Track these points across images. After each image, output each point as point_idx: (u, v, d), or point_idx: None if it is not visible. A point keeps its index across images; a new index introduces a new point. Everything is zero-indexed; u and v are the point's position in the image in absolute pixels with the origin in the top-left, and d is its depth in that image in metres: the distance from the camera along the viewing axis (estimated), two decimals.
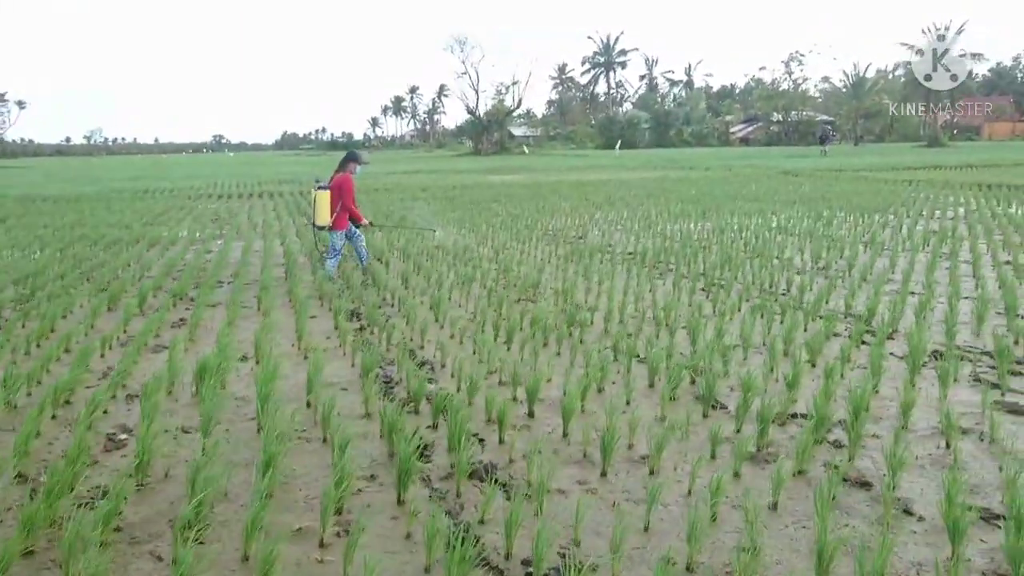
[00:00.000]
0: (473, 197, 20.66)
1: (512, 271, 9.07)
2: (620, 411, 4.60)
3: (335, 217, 8.88)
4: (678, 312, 6.81)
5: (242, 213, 17.98)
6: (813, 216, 14.17)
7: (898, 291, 7.57)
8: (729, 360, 5.41)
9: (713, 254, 10.06)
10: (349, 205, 8.92)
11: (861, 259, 9.50)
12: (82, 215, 17.26)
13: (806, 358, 5.49)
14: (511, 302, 7.62)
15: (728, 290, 7.86)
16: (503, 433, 4.21)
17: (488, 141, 72.20)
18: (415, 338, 6.35)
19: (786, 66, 75.13)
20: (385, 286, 8.47)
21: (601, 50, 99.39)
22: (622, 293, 7.65)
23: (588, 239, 11.99)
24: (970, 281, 8.05)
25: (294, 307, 7.39)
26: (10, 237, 13.33)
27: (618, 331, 6.32)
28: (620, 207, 17.04)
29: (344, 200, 8.87)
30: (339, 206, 8.87)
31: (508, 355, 5.83)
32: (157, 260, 10.59)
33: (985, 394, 4.47)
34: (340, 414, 4.65)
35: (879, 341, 5.79)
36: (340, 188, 8.87)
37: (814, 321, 6.59)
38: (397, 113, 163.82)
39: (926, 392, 4.83)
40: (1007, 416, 4.41)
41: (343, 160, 9.23)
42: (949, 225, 12.40)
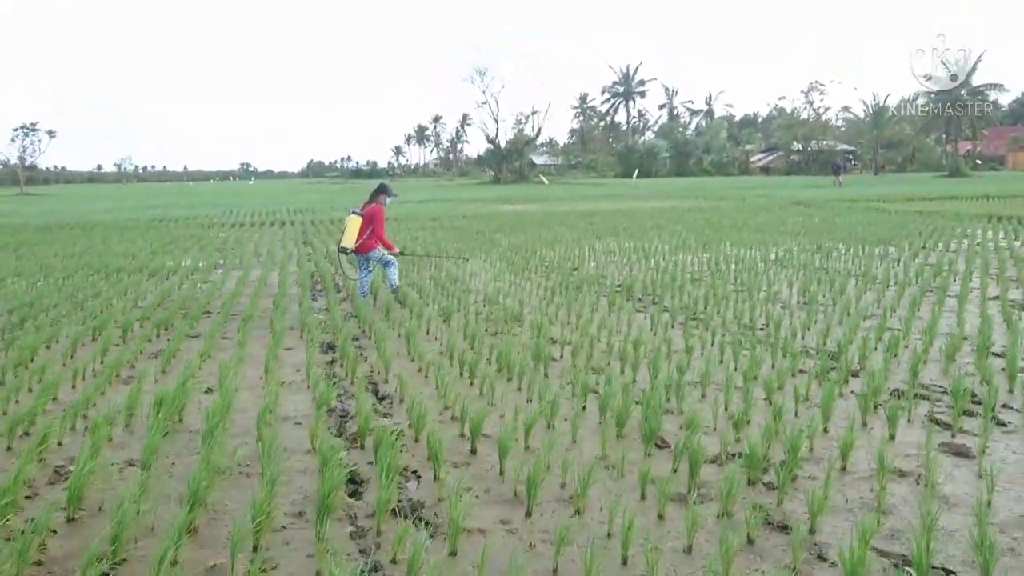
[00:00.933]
0: (480, 227, 20.79)
1: (496, 303, 9.12)
2: (564, 448, 4.63)
3: (361, 243, 9.41)
4: (648, 347, 6.80)
5: (250, 242, 18.25)
6: (813, 248, 14.11)
7: (876, 327, 7.50)
8: (684, 397, 5.40)
9: (702, 287, 10.04)
10: (381, 235, 9.52)
11: (848, 293, 9.44)
12: (93, 244, 17.62)
13: (763, 396, 5.47)
14: (488, 335, 7.68)
15: (706, 324, 7.84)
16: (439, 470, 4.23)
17: (508, 170, 72.69)
18: (381, 372, 6.40)
19: (806, 95, 75.15)
20: (367, 318, 8.54)
21: (620, 80, 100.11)
22: (597, 327, 7.66)
23: (582, 271, 12.03)
24: (952, 318, 7.95)
25: (272, 338, 7.48)
26: (18, 265, 13.63)
27: (583, 366, 6.34)
28: (623, 237, 17.07)
29: (376, 230, 9.46)
30: (367, 233, 9.42)
31: (468, 390, 5.86)
32: (152, 290, 10.76)
33: (930, 436, 4.42)
34: (287, 449, 4.72)
35: (841, 379, 5.76)
36: (372, 218, 9.45)
37: (784, 357, 6.55)
38: (421, 142, 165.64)
39: (876, 433, 4.78)
40: (950, 459, 4.36)
41: (374, 192, 9.75)
42: (949, 258, 12.29)
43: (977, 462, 4.28)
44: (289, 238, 19.36)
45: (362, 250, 9.52)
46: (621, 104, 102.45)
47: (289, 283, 11.23)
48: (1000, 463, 4.28)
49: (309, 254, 15.42)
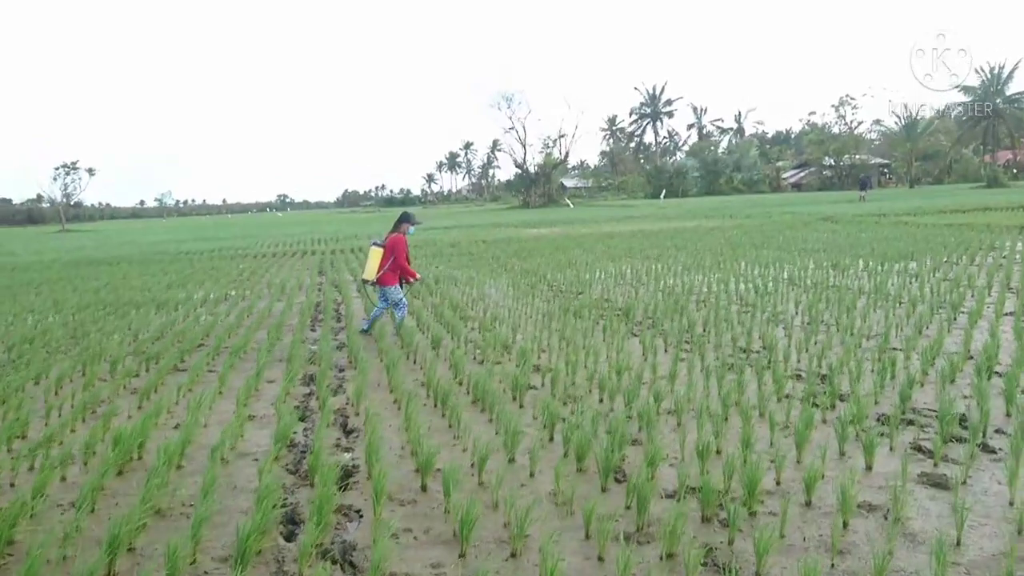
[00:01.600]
0: (497, 252, 20.69)
1: (490, 330, 8.95)
2: (519, 483, 4.44)
3: (382, 274, 9.24)
4: (632, 373, 6.57)
5: (266, 272, 18.35)
6: (831, 265, 13.72)
7: (876, 347, 7.19)
8: (655, 426, 5.16)
9: (705, 309, 9.77)
10: (402, 263, 9.31)
11: (856, 312, 9.10)
12: (113, 279, 17.87)
13: (740, 424, 5.21)
14: (474, 364, 7.53)
15: (700, 348, 7.58)
16: (380, 509, 4.06)
17: (536, 194, 72.79)
18: (354, 404, 6.26)
19: (837, 110, 74.07)
20: (356, 348, 8.43)
21: (647, 100, 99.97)
22: (585, 353, 7.45)
23: (588, 294, 11.80)
24: (960, 336, 7.58)
25: (255, 371, 7.40)
26: (34, 301, 13.84)
27: (561, 395, 6.14)
28: (638, 259, 16.82)
29: (397, 258, 9.26)
30: (388, 264, 9.23)
31: (438, 422, 5.71)
32: (155, 323, 10.79)
33: (905, 465, 4.14)
34: (235, 487, 4.59)
35: (826, 404, 5.49)
36: (394, 248, 9.27)
37: (773, 381, 6.27)
38: (452, 168, 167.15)
39: (853, 463, 4.51)
40: (927, 491, 4.07)
41: (397, 221, 9.57)
42: (969, 273, 11.84)
43: (956, 494, 3.99)
44: (305, 268, 19.46)
45: (383, 282, 9.30)
46: (649, 125, 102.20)
47: (291, 314, 11.21)
48: (981, 495, 3.99)
49: (320, 284, 15.44)
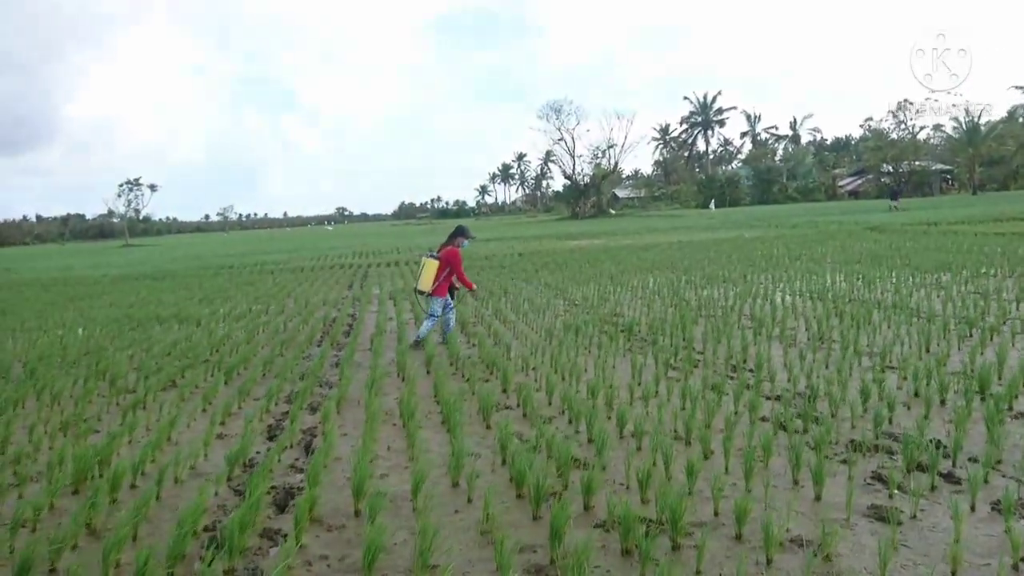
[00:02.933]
0: (527, 265, 20.63)
1: (485, 347, 8.86)
2: (453, 510, 4.34)
3: (437, 286, 9.40)
4: (609, 393, 6.40)
5: (299, 286, 18.59)
6: (860, 278, 13.25)
7: (873, 366, 6.87)
8: (612, 449, 5.01)
9: (711, 324, 9.50)
10: (461, 275, 9.51)
11: (867, 328, 8.74)
12: (151, 293, 18.38)
13: (698, 451, 5.02)
14: (460, 381, 7.47)
15: (691, 367, 7.37)
16: (302, 534, 4.01)
17: (585, 205, 72.52)
18: (318, 426, 6.24)
19: (894, 115, 71.88)
20: (349, 364, 8.44)
21: (698, 109, 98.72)
22: (570, 372, 7.30)
23: (601, 309, 11.62)
24: (966, 354, 7.19)
25: (240, 389, 7.45)
26: (67, 316, 14.30)
27: (533, 417, 6.02)
28: (666, 271, 16.55)
29: (455, 270, 9.48)
30: (443, 276, 9.41)
31: (399, 444, 5.65)
32: (168, 339, 10.99)
33: (851, 496, 3.92)
34: (176, 507, 4.60)
35: (793, 427, 5.25)
36: (449, 260, 9.45)
37: (751, 404, 6.03)
38: (505, 180, 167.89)
39: (804, 492, 4.28)
40: (871, 525, 3.83)
41: (452, 234, 9.75)
42: (1005, 286, 11.28)
43: (894, 530, 3.75)
44: (336, 282, 19.67)
45: (436, 293, 9.43)
46: (700, 134, 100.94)
47: (304, 330, 11.31)
48: (928, 531, 3.74)
49: (344, 298, 15.58)
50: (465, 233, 9.80)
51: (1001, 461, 4.52)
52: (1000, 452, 4.59)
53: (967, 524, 3.75)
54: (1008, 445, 4.77)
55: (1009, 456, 4.59)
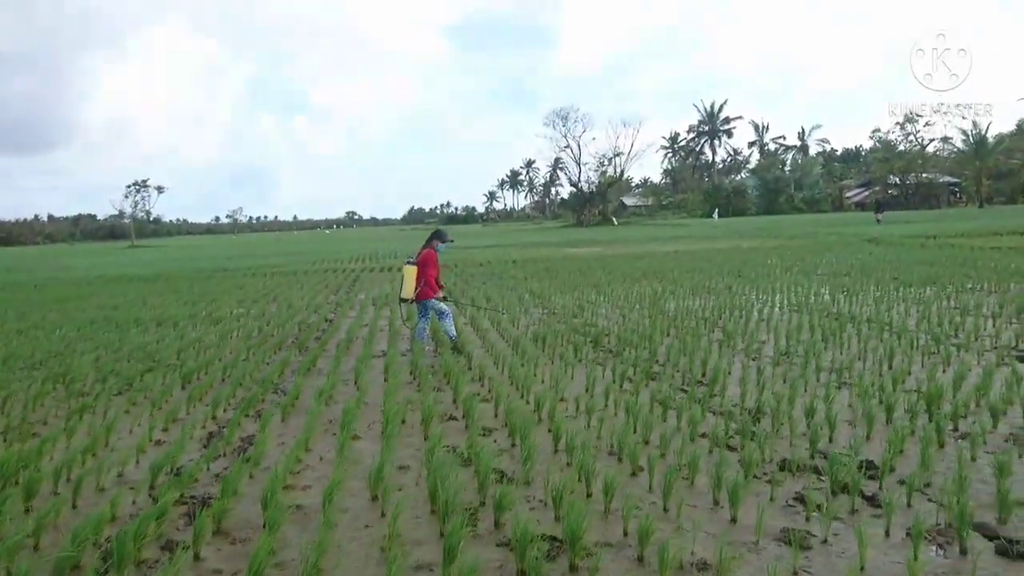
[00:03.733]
0: (518, 272, 20.55)
1: (446, 356, 8.77)
2: (363, 525, 4.26)
3: (419, 290, 9.33)
4: (556, 407, 6.31)
5: (287, 291, 18.53)
6: (846, 290, 13.10)
7: (827, 383, 6.75)
8: (534, 465, 4.91)
9: (679, 337, 9.39)
10: (428, 275, 9.35)
11: (834, 343, 8.62)
12: (138, 295, 18.39)
13: (627, 468, 4.92)
14: (414, 390, 7.39)
15: (647, 380, 7.27)
16: (201, 548, 3.93)
17: (590, 213, 72.41)
18: (258, 434, 6.16)
19: (901, 127, 71.44)
20: (307, 371, 8.37)
21: (705, 118, 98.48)
22: (523, 384, 7.20)
23: (577, 318, 11.52)
24: (926, 371, 7.06)
25: (191, 395, 7.37)
26: (51, 317, 14.30)
27: (477, 428, 5.94)
28: (653, 281, 16.43)
29: (422, 270, 9.34)
30: (422, 280, 9.34)
31: (329, 455, 5.57)
32: (138, 341, 10.94)
33: (761, 518, 3.81)
34: (88, 516, 4.53)
35: (727, 446, 5.14)
36: (423, 262, 9.37)
37: (692, 420, 5.92)
38: (514, 186, 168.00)
39: (722, 514, 4.18)
40: (779, 549, 3.72)
41: (429, 238, 9.74)
42: (985, 301, 11.12)
43: (809, 553, 3.65)
44: (325, 286, 19.60)
45: (420, 298, 9.41)
46: (706, 143, 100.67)
47: (279, 334, 11.26)
48: (836, 556, 3.63)
49: (326, 303, 15.53)
50: (442, 237, 9.76)
51: (930, 484, 4.40)
52: (930, 475, 4.48)
53: (877, 550, 3.64)
54: (942, 467, 4.65)
55: (940, 479, 4.47)
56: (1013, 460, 4.71)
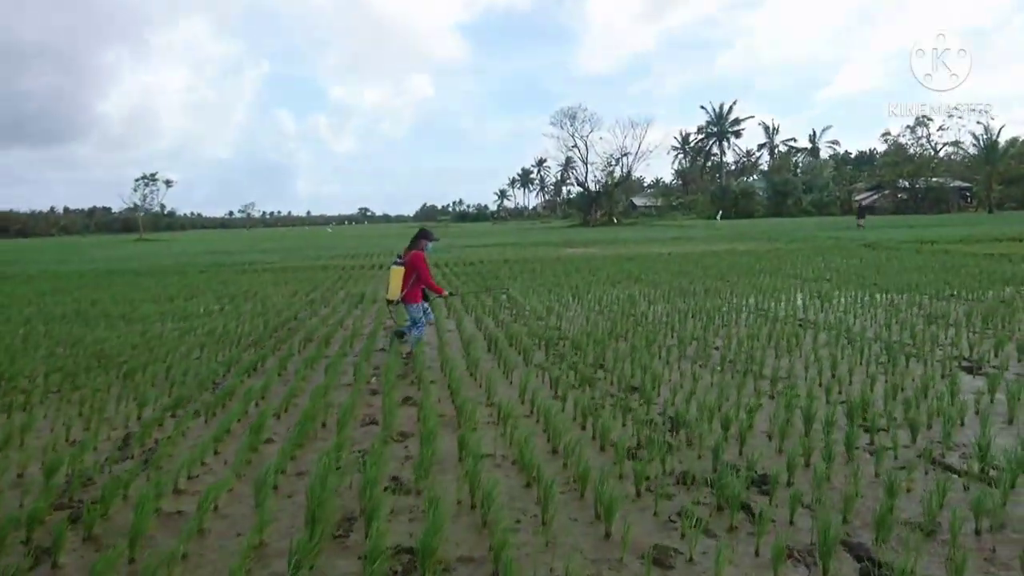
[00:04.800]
0: (505, 272, 20.45)
1: (393, 356, 8.69)
2: (234, 534, 4.18)
3: (406, 292, 9.09)
4: (469, 414, 6.22)
5: (269, 287, 18.48)
6: (820, 295, 12.94)
7: (758, 392, 6.63)
8: (431, 475, 4.82)
9: (638, 341, 9.27)
10: (427, 280, 9.11)
11: (788, 350, 8.49)
12: (121, 289, 18.43)
13: (523, 479, 4.82)
14: (348, 393, 7.31)
15: (585, 386, 7.17)
16: (60, 556, 3.86)
17: (596, 212, 72.18)
18: (168, 438, 6.11)
19: (912, 130, 70.73)
20: (253, 372, 8.32)
21: (713, 119, 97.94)
22: (455, 389, 7.10)
23: (542, 320, 11.42)
24: (866, 382, 6.91)
25: (120, 395, 7.31)
26: (27, 311, 14.33)
27: (395, 434, 5.86)
28: (635, 284, 16.29)
29: (421, 275, 9.08)
30: (411, 281, 9.07)
31: (224, 465, 5.50)
32: (99, 336, 10.90)
33: (627, 534, 3.71)
34: None
35: (625, 456, 5.02)
36: (413, 264, 9.09)
37: (604, 431, 5.80)
38: (525, 185, 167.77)
39: (601, 529, 4.07)
40: (641, 567, 3.61)
41: (415, 237, 9.46)
42: (957, 309, 10.93)
43: (672, 572, 3.54)
44: (307, 282, 19.54)
45: (408, 300, 9.14)
46: (714, 143, 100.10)
47: (239, 332, 11.20)
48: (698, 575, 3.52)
49: (305, 301, 15.48)
50: (429, 236, 9.51)
51: (821, 500, 4.28)
52: (823, 491, 4.35)
53: (740, 569, 3.54)
54: (840, 482, 4.53)
55: (835, 495, 4.34)
56: (917, 477, 4.59)
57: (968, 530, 3.85)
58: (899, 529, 3.89)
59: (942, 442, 5.23)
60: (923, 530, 3.87)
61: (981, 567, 3.49)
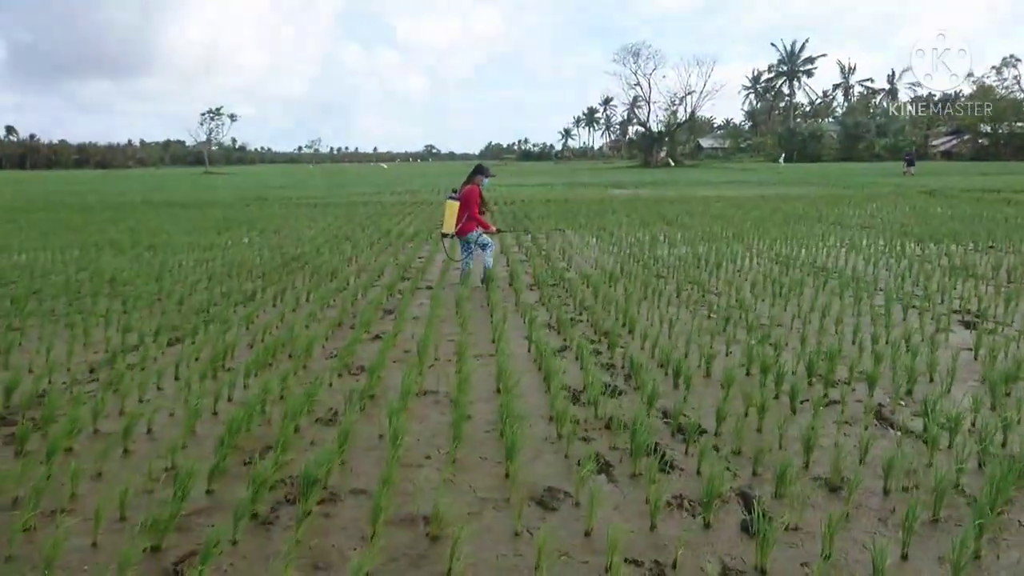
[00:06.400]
0: (542, 212, 20.29)
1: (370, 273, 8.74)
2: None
3: (461, 226, 9.40)
4: (433, 352, 6.23)
5: (301, 221, 18.74)
6: (847, 243, 12.46)
7: (736, 339, 6.44)
8: (361, 407, 4.86)
9: (642, 283, 9.11)
10: (475, 214, 9.42)
11: (784, 299, 8.21)
12: (164, 221, 18.98)
13: (454, 415, 4.82)
14: (325, 326, 7.40)
15: (559, 329, 7.09)
16: None
17: (657, 153, 70.62)
18: (135, 365, 6.29)
19: (998, 72, 66.42)
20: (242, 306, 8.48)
21: (784, 58, 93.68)
22: (425, 325, 7.11)
23: (552, 261, 11.31)
24: (850, 336, 6.63)
25: (108, 323, 7.54)
26: (69, 239, 14.90)
27: (333, 368, 5.92)
28: (665, 226, 15.95)
29: (471, 210, 9.39)
30: (464, 216, 9.39)
31: (159, 392, 5.64)
32: (115, 266, 11.25)
33: (517, 475, 3.68)
34: None
35: (574, 400, 4.96)
36: (467, 199, 9.39)
37: (582, 370, 5.74)
38: (590, 124, 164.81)
39: (498, 472, 4.05)
40: (522, 509, 3.58)
41: (471, 173, 9.77)
42: (987, 261, 10.38)
43: (545, 515, 3.51)
44: (348, 218, 19.71)
45: (462, 232, 9.47)
46: (784, 83, 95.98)
47: (258, 264, 11.40)
48: (572, 520, 3.47)
49: (331, 236, 15.66)
50: (485, 172, 9.75)
51: (740, 452, 4.16)
52: (740, 442, 4.21)
53: (623, 515, 3.48)
54: (770, 434, 4.38)
55: (752, 447, 4.19)
56: (855, 432, 4.42)
57: (877, 488, 3.69)
58: (807, 484, 3.76)
59: (903, 398, 5.01)
60: (828, 486, 3.73)
61: (868, 527, 3.35)
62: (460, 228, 9.38)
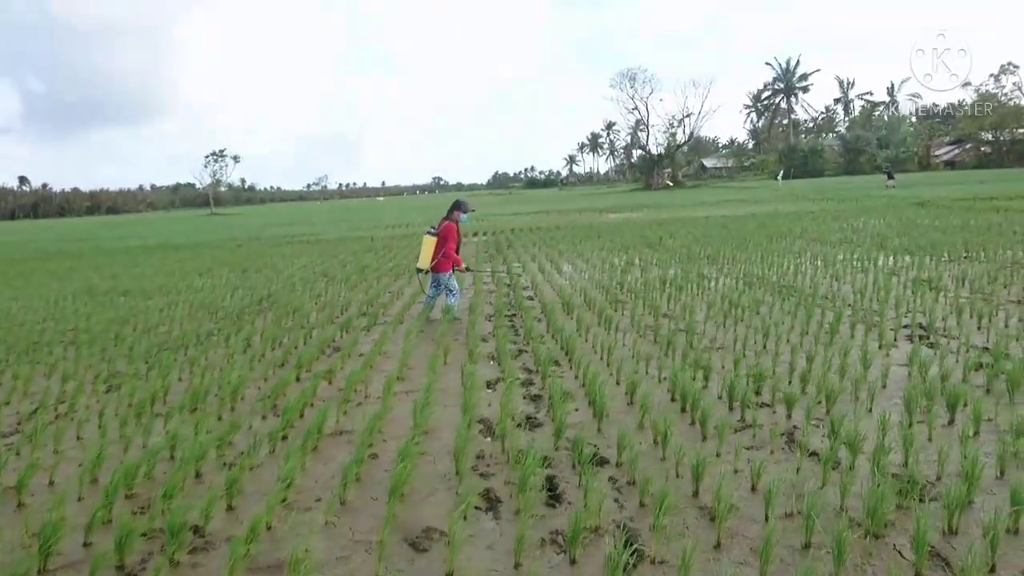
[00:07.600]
0: (525, 240, 20.29)
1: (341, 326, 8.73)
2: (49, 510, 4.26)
3: (436, 261, 9.38)
4: (360, 387, 6.19)
5: (295, 261, 18.83)
6: (820, 259, 12.37)
7: (666, 366, 6.36)
8: (259, 452, 4.82)
9: (598, 310, 9.06)
10: (449, 251, 9.37)
11: (745, 319, 8.13)
12: (148, 264, 19.11)
13: (348, 451, 4.76)
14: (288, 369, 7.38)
15: (497, 359, 7.04)
16: None
17: (658, 175, 70.73)
18: (79, 405, 6.28)
19: (996, 79, 66.25)
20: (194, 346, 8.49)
21: (780, 75, 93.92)
22: (363, 364, 7.08)
23: (510, 291, 11.27)
24: (790, 350, 6.54)
25: (47, 370, 7.57)
26: (53, 287, 15.02)
27: (250, 412, 5.89)
28: (646, 250, 15.89)
29: (447, 244, 9.35)
30: (440, 252, 9.38)
31: (134, 431, 5.61)
32: (82, 312, 11.32)
33: (408, 518, 3.61)
34: None
35: (480, 434, 4.90)
36: (443, 235, 9.39)
37: (508, 400, 5.67)
38: (594, 149, 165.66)
39: (381, 513, 3.98)
40: (407, 552, 3.51)
41: (450, 208, 9.68)
42: (952, 271, 10.26)
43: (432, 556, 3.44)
44: (332, 256, 19.80)
45: (436, 270, 9.46)
46: (781, 100, 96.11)
47: (219, 308, 11.43)
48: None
49: (312, 275, 15.72)
50: (462, 207, 9.69)
51: (634, 482, 4.07)
52: (634, 473, 4.13)
53: (494, 555, 3.40)
54: (670, 462, 4.30)
55: (647, 476, 4.11)
56: (759, 457, 4.32)
57: (759, 515, 3.60)
58: (690, 514, 3.67)
59: (818, 419, 4.91)
60: (711, 515, 3.64)
61: (739, 556, 3.26)
62: (435, 265, 9.39)
